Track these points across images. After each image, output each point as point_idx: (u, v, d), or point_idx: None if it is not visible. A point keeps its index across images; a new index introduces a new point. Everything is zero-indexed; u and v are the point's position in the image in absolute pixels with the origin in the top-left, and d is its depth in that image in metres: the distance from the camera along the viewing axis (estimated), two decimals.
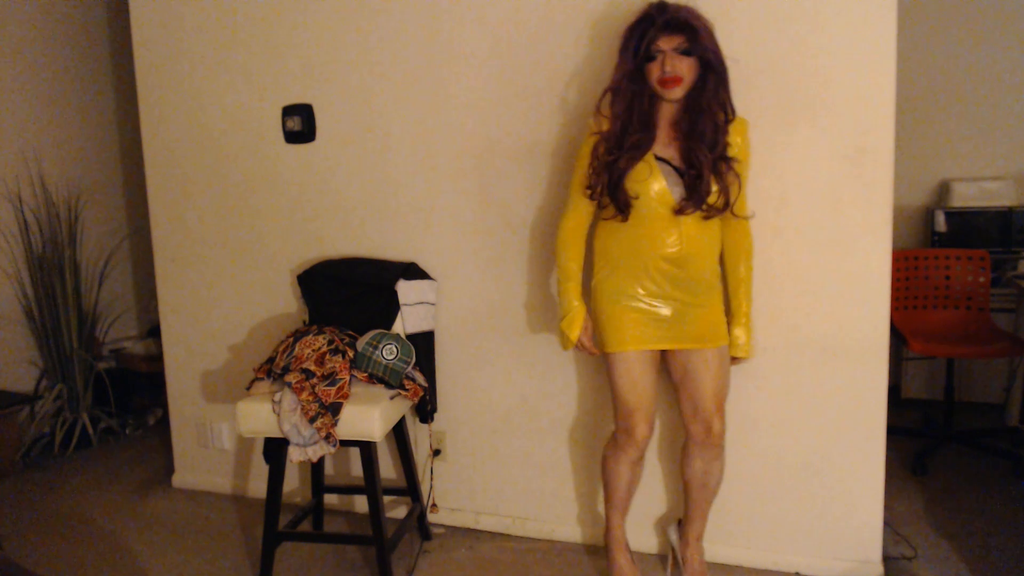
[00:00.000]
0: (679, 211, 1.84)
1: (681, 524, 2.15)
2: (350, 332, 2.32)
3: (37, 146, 3.57)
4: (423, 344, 2.39)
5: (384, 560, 2.11)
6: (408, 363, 2.23)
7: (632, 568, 2.12)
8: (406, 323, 2.34)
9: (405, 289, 2.35)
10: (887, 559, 2.19)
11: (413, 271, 2.42)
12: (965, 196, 3.60)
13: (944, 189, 3.73)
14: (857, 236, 2.03)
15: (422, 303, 2.40)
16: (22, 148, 3.51)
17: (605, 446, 2.10)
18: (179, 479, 3.05)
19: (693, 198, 1.83)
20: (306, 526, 2.56)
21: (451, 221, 2.45)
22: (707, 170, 1.81)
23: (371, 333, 2.25)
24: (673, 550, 2.19)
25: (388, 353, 2.20)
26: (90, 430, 3.48)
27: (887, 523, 2.31)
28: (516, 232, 2.36)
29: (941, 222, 3.58)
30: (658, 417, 2.20)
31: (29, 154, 3.53)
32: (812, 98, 2.02)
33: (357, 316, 2.37)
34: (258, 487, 2.89)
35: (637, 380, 1.93)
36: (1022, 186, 3.65)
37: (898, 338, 3.01)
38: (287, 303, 2.73)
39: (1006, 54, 3.63)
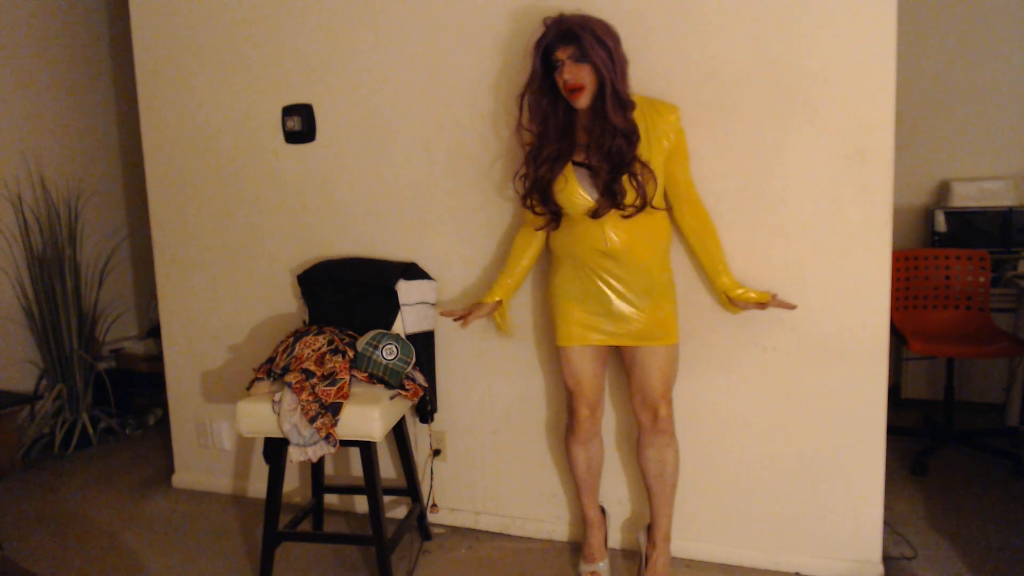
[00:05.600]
0: (593, 214, 1.92)
1: (649, 527, 2.18)
2: (350, 332, 2.32)
3: (37, 146, 3.57)
4: (423, 344, 2.39)
5: (384, 560, 2.11)
6: (408, 363, 2.23)
7: (601, 549, 2.22)
8: (406, 323, 2.34)
9: (405, 289, 2.35)
10: (887, 559, 2.19)
11: (413, 271, 2.42)
12: (965, 196, 3.60)
13: (944, 189, 3.73)
14: (857, 236, 2.03)
15: (422, 303, 2.40)
16: (22, 148, 3.51)
17: (564, 433, 2.23)
18: (179, 479, 3.05)
19: (605, 199, 1.90)
20: (306, 526, 2.56)
21: (451, 221, 2.45)
22: (605, 174, 1.88)
23: (371, 333, 2.25)
24: (643, 553, 2.21)
25: (388, 353, 2.20)
26: (90, 430, 3.48)
27: (887, 523, 2.31)
28: (516, 232, 2.36)
29: (941, 222, 3.58)
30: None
31: (29, 154, 3.53)
32: (812, 98, 2.02)
33: (357, 316, 2.37)
34: (258, 487, 2.89)
35: (578, 371, 2.08)
36: (1022, 186, 3.65)
37: (898, 338, 3.01)
38: (287, 303, 2.74)
39: (1006, 54, 3.63)
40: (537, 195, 1.99)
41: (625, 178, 1.88)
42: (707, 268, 2.07)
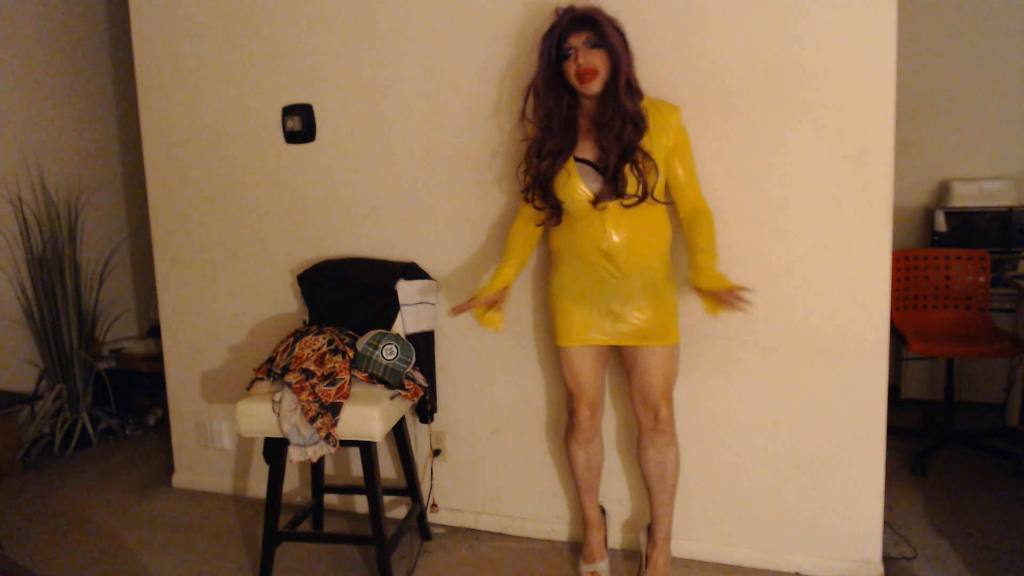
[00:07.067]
0: (595, 201, 1.91)
1: (650, 527, 2.18)
2: (350, 332, 2.32)
3: (37, 146, 3.57)
4: (423, 344, 2.39)
5: (384, 560, 2.11)
6: (408, 363, 2.23)
7: (601, 549, 2.21)
8: (406, 323, 2.34)
9: (405, 289, 2.35)
10: (887, 559, 2.19)
11: (413, 271, 2.42)
12: (965, 196, 3.60)
13: (944, 189, 3.73)
14: (857, 236, 2.03)
15: (422, 303, 2.40)
16: (22, 148, 3.51)
17: (564, 433, 2.23)
18: (179, 479, 3.05)
19: (608, 188, 1.90)
20: (306, 526, 2.56)
21: (451, 221, 2.45)
22: (614, 158, 1.88)
23: (371, 333, 2.25)
24: (643, 553, 2.21)
25: (388, 353, 2.20)
26: (90, 430, 3.48)
27: (887, 523, 2.31)
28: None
29: (941, 222, 3.58)
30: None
31: (29, 154, 3.53)
32: (812, 98, 2.02)
33: (357, 316, 2.37)
34: (258, 487, 2.89)
35: (579, 371, 2.07)
36: (1022, 186, 3.65)
37: (898, 338, 3.01)
38: (287, 303, 2.74)
39: (1006, 54, 3.63)
40: (539, 189, 2.00)
41: (627, 167, 1.89)
42: (695, 246, 1.95)
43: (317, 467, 2.53)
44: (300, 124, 2.59)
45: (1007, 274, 3.40)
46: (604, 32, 1.87)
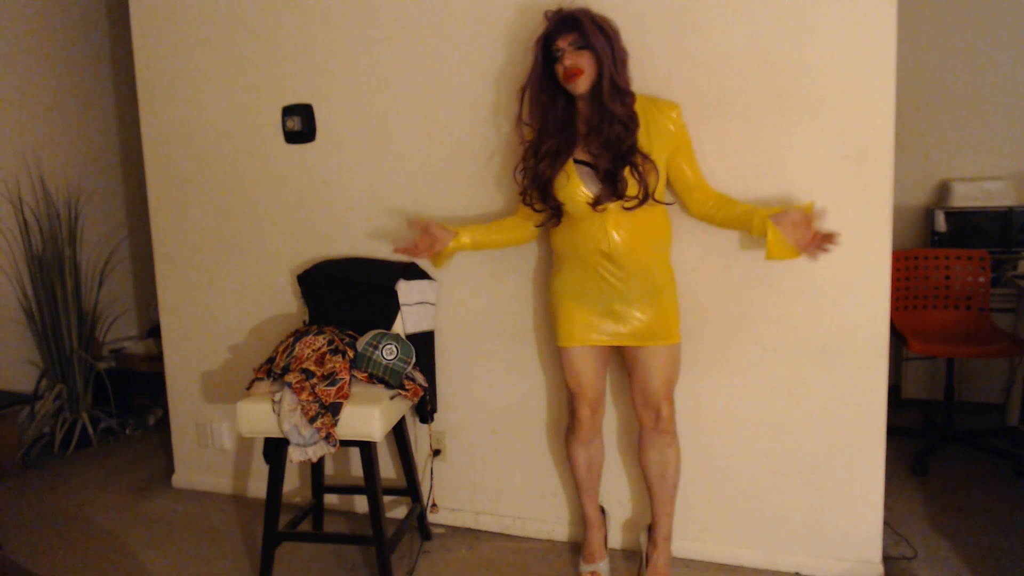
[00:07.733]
0: (594, 204, 1.91)
1: (650, 527, 2.18)
2: (350, 332, 2.32)
3: (37, 146, 3.57)
4: (423, 344, 2.39)
5: (384, 560, 2.11)
6: (408, 363, 2.23)
7: (601, 549, 2.22)
8: (406, 323, 2.34)
9: (405, 289, 2.35)
10: (887, 559, 2.19)
11: (413, 271, 2.42)
12: (965, 196, 3.60)
13: (944, 189, 3.73)
14: (857, 236, 2.03)
15: (422, 303, 2.40)
16: (22, 148, 3.51)
17: (564, 433, 2.23)
18: (179, 479, 3.05)
19: (606, 191, 1.90)
20: (306, 526, 2.56)
21: (450, 221, 2.45)
22: (604, 161, 1.89)
23: (371, 333, 2.26)
24: (643, 553, 2.21)
25: (388, 353, 2.20)
26: (90, 430, 3.48)
27: (887, 523, 2.31)
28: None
29: (941, 222, 3.58)
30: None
31: (29, 154, 3.53)
32: (812, 98, 2.02)
33: (357, 316, 2.37)
34: (258, 487, 2.89)
35: (580, 372, 2.07)
36: (1022, 186, 3.65)
37: (898, 338, 3.01)
38: (287, 303, 2.73)
39: (1006, 54, 3.63)
40: (537, 191, 2.00)
41: (627, 170, 1.88)
42: (743, 218, 1.95)
43: (317, 467, 2.53)
44: (300, 124, 2.59)
45: (1007, 274, 3.40)
46: (587, 32, 1.86)
